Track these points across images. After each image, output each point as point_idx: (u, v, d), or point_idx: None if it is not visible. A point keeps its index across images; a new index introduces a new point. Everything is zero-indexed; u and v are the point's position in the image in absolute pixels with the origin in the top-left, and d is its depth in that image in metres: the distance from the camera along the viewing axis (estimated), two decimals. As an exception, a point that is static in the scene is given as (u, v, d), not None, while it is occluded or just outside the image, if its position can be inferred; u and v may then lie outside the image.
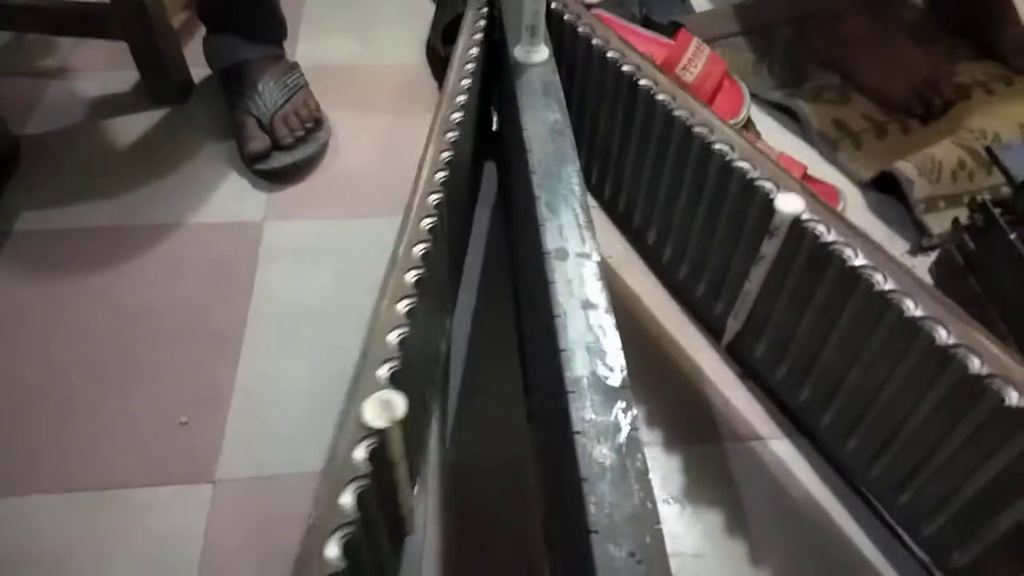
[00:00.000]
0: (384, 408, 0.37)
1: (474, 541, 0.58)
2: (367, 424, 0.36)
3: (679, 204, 0.63)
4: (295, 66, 0.93)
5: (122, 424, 0.64)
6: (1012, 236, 0.64)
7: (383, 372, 0.39)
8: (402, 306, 0.42)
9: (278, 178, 0.86)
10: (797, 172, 0.84)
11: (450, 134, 0.52)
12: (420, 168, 0.50)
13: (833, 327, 0.51)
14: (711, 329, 0.71)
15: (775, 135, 0.97)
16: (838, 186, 0.87)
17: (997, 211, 0.67)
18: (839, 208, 0.84)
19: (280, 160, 0.85)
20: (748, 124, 0.97)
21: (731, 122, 0.94)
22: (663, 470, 0.63)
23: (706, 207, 0.59)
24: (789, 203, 0.51)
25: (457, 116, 0.54)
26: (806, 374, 0.56)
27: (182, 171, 0.88)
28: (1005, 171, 0.74)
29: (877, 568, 0.57)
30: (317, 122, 0.89)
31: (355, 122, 0.95)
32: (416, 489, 0.48)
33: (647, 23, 1.09)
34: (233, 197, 0.84)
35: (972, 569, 0.48)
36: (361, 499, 0.34)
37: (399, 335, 0.40)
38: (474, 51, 0.60)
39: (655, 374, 0.70)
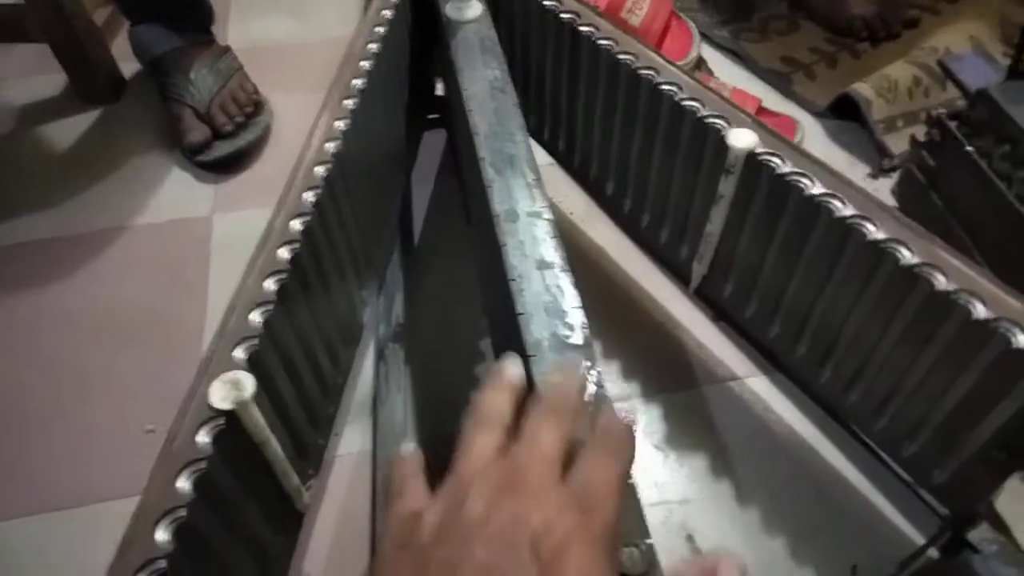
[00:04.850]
0: (233, 388, 0.36)
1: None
2: (212, 405, 0.35)
3: (634, 151, 0.61)
4: (227, 50, 0.90)
5: (87, 438, 0.62)
6: (969, 148, 0.63)
7: (239, 352, 0.38)
8: (271, 283, 0.41)
9: (222, 168, 0.83)
10: (751, 106, 0.82)
11: (348, 101, 0.50)
12: (309, 137, 0.48)
13: (798, 259, 0.51)
14: (679, 275, 0.70)
15: (728, 71, 0.95)
16: (795, 117, 0.86)
17: (953, 124, 0.66)
18: (797, 139, 0.83)
19: (222, 149, 0.82)
20: (700, 63, 0.95)
21: (681, 62, 0.93)
22: (644, 421, 0.63)
23: (661, 151, 0.58)
24: (741, 138, 0.50)
25: (359, 83, 0.52)
26: (775, 309, 0.55)
27: (122, 172, 0.84)
28: (959, 83, 0.74)
29: (863, 493, 0.58)
30: (257, 106, 0.86)
31: (297, 102, 0.92)
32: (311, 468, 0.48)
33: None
34: (178, 193, 0.81)
35: (953, 485, 0.48)
36: (203, 481, 0.34)
37: (263, 313, 0.39)
38: (388, 13, 0.57)
39: (627, 326, 0.69)
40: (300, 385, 0.47)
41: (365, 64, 0.55)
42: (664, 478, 0.59)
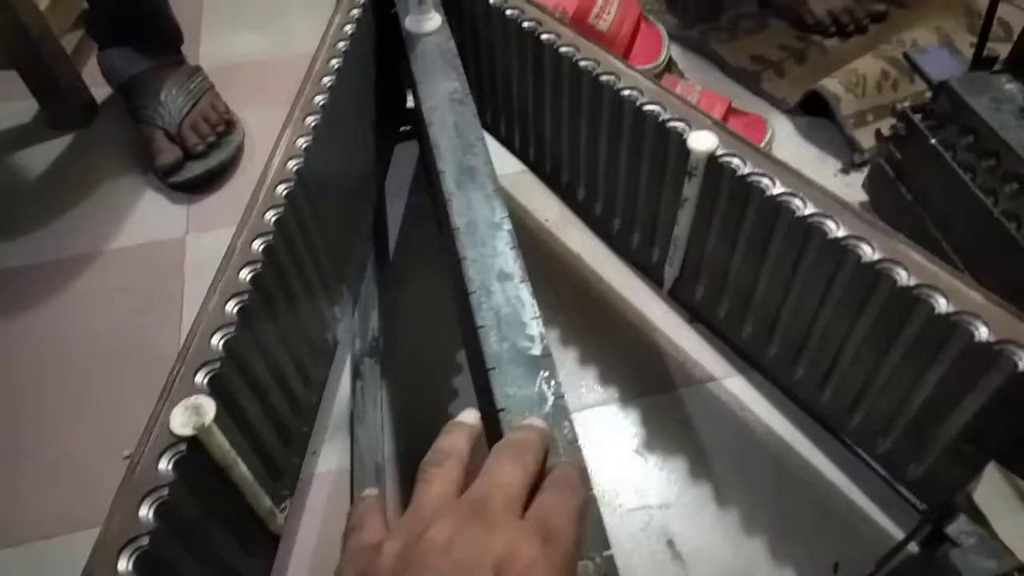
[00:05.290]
0: (194, 414, 0.36)
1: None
2: (173, 432, 0.35)
3: (600, 157, 0.61)
4: (197, 70, 0.89)
5: (63, 466, 0.62)
6: (933, 140, 0.63)
7: (201, 377, 0.38)
8: (232, 305, 0.40)
9: (195, 189, 0.82)
10: (721, 107, 0.83)
11: (311, 118, 0.50)
12: (271, 156, 0.48)
13: (763, 259, 0.51)
14: (653, 278, 0.70)
15: (698, 72, 0.95)
16: (765, 115, 0.86)
17: (917, 117, 0.67)
18: (767, 137, 0.83)
19: (193, 170, 0.82)
20: (670, 65, 0.95)
21: (651, 64, 0.93)
22: (622, 425, 0.63)
23: (626, 156, 0.58)
24: (702, 141, 0.50)
25: (321, 99, 0.52)
26: (746, 309, 0.56)
27: (95, 197, 0.84)
28: (924, 75, 0.74)
29: (842, 489, 0.58)
30: (228, 124, 0.86)
31: (270, 120, 0.90)
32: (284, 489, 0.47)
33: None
34: (151, 216, 0.81)
35: (928, 478, 0.48)
36: (166, 509, 0.34)
37: (225, 336, 0.39)
38: (350, 28, 0.57)
39: (604, 330, 0.69)
40: (269, 406, 0.46)
41: (328, 80, 0.55)
42: (644, 483, 0.59)
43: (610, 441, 0.61)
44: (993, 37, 0.89)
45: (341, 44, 0.57)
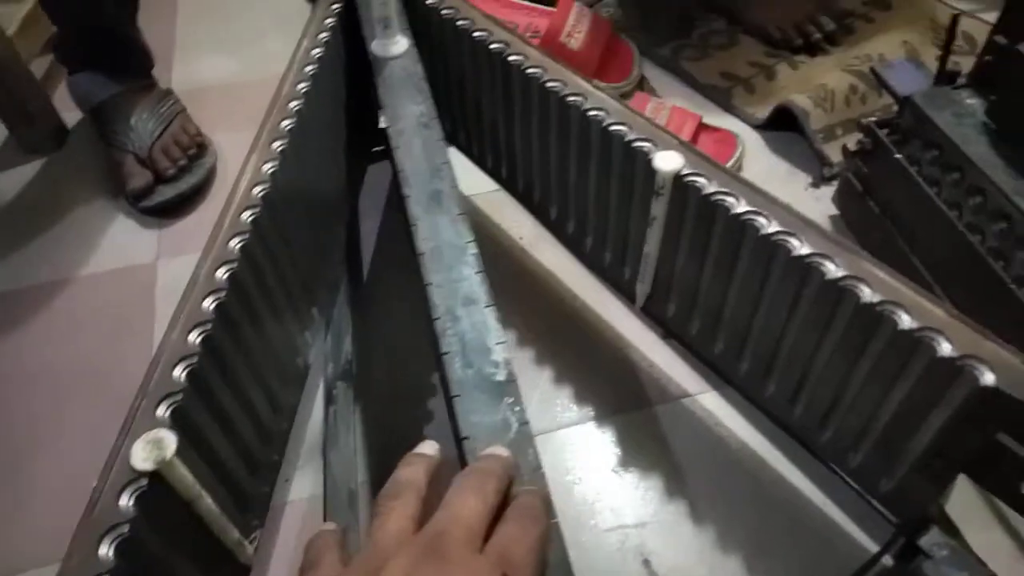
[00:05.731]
0: (155, 448, 0.35)
1: None
2: (133, 467, 0.35)
3: (571, 176, 0.62)
4: (168, 93, 0.89)
5: (34, 499, 0.61)
6: (898, 155, 0.64)
7: (163, 410, 0.38)
8: (195, 335, 0.40)
9: (166, 213, 0.82)
10: (692, 124, 0.83)
11: (277, 143, 0.50)
12: (236, 182, 0.48)
13: (732, 276, 0.51)
14: (626, 295, 0.71)
15: (670, 89, 0.96)
16: (736, 131, 0.87)
17: (883, 132, 0.67)
18: (737, 153, 0.84)
19: (164, 194, 0.81)
20: (642, 82, 0.96)
21: (623, 82, 0.94)
22: (597, 444, 0.62)
23: (595, 176, 0.58)
24: (668, 161, 0.50)
25: (288, 123, 0.52)
26: (716, 326, 0.56)
27: (65, 222, 0.83)
28: (890, 89, 0.75)
29: (816, 504, 0.58)
30: (200, 148, 0.85)
31: (243, 142, 0.89)
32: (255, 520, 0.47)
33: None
34: (122, 241, 0.80)
35: (899, 492, 0.48)
36: (127, 546, 0.33)
37: (188, 367, 0.39)
38: (317, 51, 0.57)
39: (578, 348, 0.69)
40: (236, 436, 0.46)
41: (295, 104, 0.55)
42: (620, 502, 0.59)
43: (586, 460, 0.61)
44: (959, 51, 0.92)
45: (309, 68, 0.57)
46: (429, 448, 0.34)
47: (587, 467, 0.61)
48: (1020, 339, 0.53)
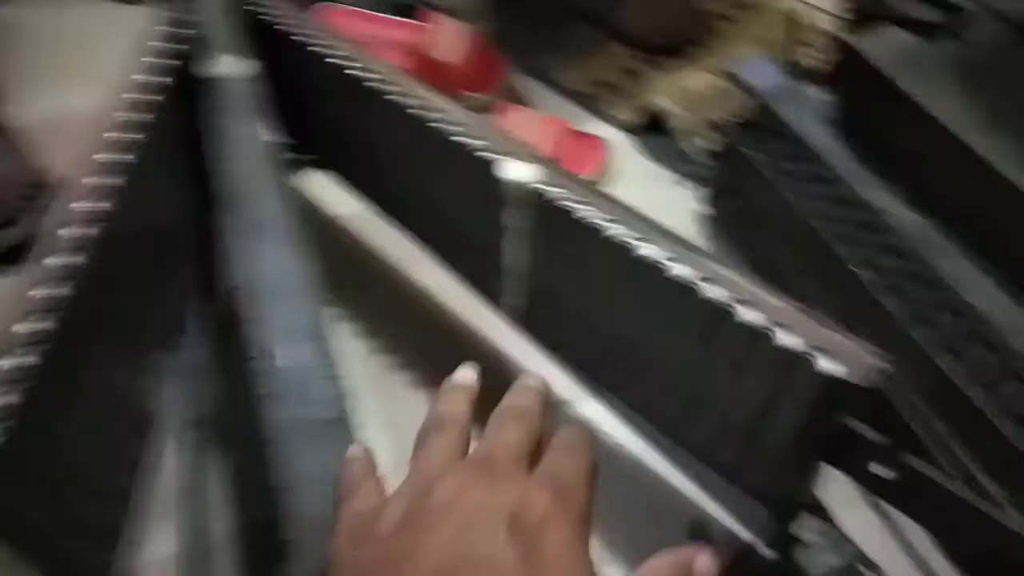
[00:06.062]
0: None
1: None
2: None
3: (428, 188, 0.60)
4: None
5: None
6: (753, 153, 0.66)
7: None
8: None
9: (3, 261, 0.74)
10: (560, 130, 0.83)
11: (91, 179, 0.47)
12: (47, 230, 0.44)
13: (587, 283, 0.51)
14: (502, 309, 0.69)
15: (540, 97, 0.96)
16: (606, 136, 0.88)
17: (738, 130, 0.69)
18: (606, 157, 0.84)
19: (-2, 240, 0.74)
20: (511, 91, 0.95)
21: (492, 94, 0.93)
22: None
23: (449, 188, 0.57)
24: (515, 171, 0.49)
25: (108, 157, 0.48)
26: (582, 332, 0.55)
27: None
28: (746, 87, 0.76)
29: (696, 502, 0.58)
30: (37, 188, 0.78)
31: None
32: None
33: (400, 9, 1.05)
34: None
35: (765, 483, 0.48)
36: None
37: None
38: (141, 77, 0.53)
39: (455, 365, 0.67)
40: (60, 505, 0.41)
41: (112, 135, 0.50)
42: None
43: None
44: (817, 48, 0.95)
45: (132, 94, 0.53)
46: (468, 376, 0.33)
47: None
48: (862, 321, 0.55)
